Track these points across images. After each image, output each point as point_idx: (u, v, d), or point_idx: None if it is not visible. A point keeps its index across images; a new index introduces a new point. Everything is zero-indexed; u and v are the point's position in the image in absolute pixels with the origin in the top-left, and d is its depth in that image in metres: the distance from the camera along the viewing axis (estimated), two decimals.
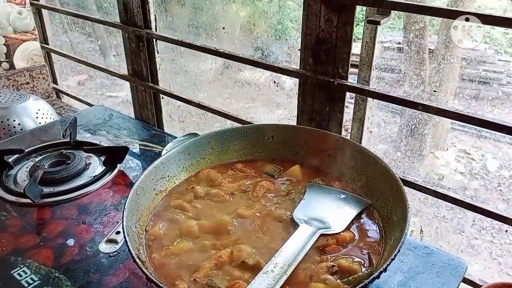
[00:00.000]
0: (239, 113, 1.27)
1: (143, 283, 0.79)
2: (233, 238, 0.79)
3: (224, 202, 0.88)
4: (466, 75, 2.00)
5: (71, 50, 2.48)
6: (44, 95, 1.86)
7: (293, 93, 1.19)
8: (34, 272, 0.81)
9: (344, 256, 0.74)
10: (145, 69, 1.41)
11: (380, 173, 0.84)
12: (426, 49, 1.90)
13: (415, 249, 0.86)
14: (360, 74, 1.01)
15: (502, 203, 1.98)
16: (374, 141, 1.20)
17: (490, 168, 2.14)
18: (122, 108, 2.36)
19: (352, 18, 0.92)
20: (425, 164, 2.08)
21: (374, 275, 0.62)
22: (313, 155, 0.97)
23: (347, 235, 0.78)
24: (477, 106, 1.99)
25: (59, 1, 2.19)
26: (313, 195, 0.88)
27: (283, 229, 0.80)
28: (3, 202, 1.02)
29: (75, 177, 1.09)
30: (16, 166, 1.15)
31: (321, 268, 0.70)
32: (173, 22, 1.46)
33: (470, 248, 1.94)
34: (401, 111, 2.00)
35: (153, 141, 1.29)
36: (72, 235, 0.91)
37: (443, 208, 1.93)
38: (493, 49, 2.06)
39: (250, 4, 1.59)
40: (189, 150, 0.95)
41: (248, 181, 0.94)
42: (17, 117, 1.39)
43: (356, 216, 0.83)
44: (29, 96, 1.47)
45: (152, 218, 0.84)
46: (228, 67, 1.60)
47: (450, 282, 0.78)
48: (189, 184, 0.93)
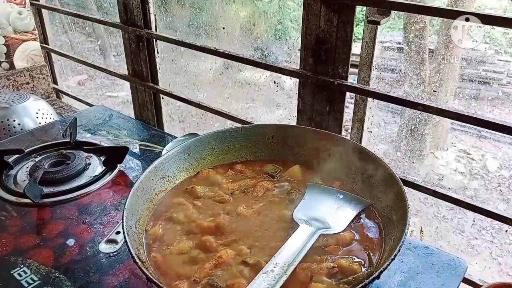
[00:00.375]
0: (239, 113, 1.27)
1: (143, 283, 0.79)
2: (233, 238, 0.79)
3: (224, 202, 0.88)
4: (466, 75, 2.00)
5: (71, 50, 2.48)
6: (44, 95, 1.86)
7: (293, 93, 1.19)
8: (34, 272, 0.81)
9: (344, 256, 0.74)
10: (145, 69, 1.41)
11: (380, 173, 0.84)
12: (426, 49, 1.90)
13: (415, 249, 0.86)
14: (360, 74, 1.01)
15: (502, 203, 1.98)
16: (374, 141, 1.20)
17: (490, 168, 2.14)
18: (122, 108, 2.36)
19: (352, 18, 0.92)
20: (425, 164, 2.08)
21: (374, 275, 0.62)
22: (313, 155, 0.97)
23: (347, 235, 0.78)
24: (477, 106, 1.99)
25: (59, 1, 2.19)
26: (313, 195, 0.88)
27: (283, 229, 0.80)
28: (3, 202, 1.02)
29: (75, 177, 1.09)
30: (16, 166, 1.15)
31: (321, 269, 0.70)
32: (173, 22, 1.46)
33: (470, 248, 1.94)
34: (401, 111, 1.99)
35: (153, 141, 1.29)
36: (72, 235, 0.91)
37: (443, 208, 1.93)
38: (493, 49, 2.06)
39: (250, 4, 1.59)
40: (189, 150, 0.96)
41: (248, 181, 0.94)
42: (17, 117, 1.39)
43: (356, 216, 0.83)
44: (29, 96, 1.47)
45: (152, 218, 0.84)
46: (228, 67, 1.59)
47: (450, 282, 0.78)
48: (189, 184, 0.93)
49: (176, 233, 0.81)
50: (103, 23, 1.55)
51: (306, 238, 0.75)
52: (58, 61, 1.97)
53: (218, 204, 0.88)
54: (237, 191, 0.91)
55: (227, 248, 0.76)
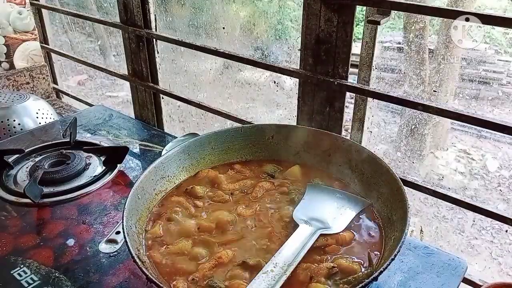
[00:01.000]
0: (239, 113, 1.27)
1: (143, 283, 0.79)
2: (233, 238, 0.79)
3: (224, 202, 0.89)
4: (466, 75, 1.99)
5: (71, 50, 2.48)
6: (44, 95, 1.86)
7: (293, 93, 1.19)
8: (34, 272, 0.81)
9: (344, 256, 0.74)
10: (145, 69, 1.41)
11: (380, 173, 0.84)
12: (426, 49, 1.90)
13: (415, 249, 0.86)
14: (360, 74, 1.01)
15: (502, 203, 1.97)
16: (374, 141, 1.20)
17: (490, 168, 2.13)
18: (122, 108, 2.36)
19: (352, 18, 0.92)
20: (425, 164, 2.08)
21: (374, 275, 0.62)
22: (313, 155, 0.97)
23: (347, 235, 0.78)
24: (477, 106, 1.99)
25: (59, 1, 2.19)
26: (313, 195, 0.88)
27: (283, 229, 0.80)
28: (3, 202, 1.02)
29: (75, 177, 1.09)
30: (16, 166, 1.15)
31: (321, 269, 0.70)
32: (173, 22, 1.46)
33: (470, 248, 1.94)
34: (401, 111, 1.99)
35: (153, 141, 1.29)
36: (72, 235, 0.91)
37: (443, 208, 1.93)
38: (493, 49, 2.06)
39: (250, 4, 1.58)
40: (189, 150, 0.96)
41: (248, 181, 0.94)
42: (17, 117, 1.39)
43: (356, 216, 0.83)
44: (29, 96, 1.47)
45: (152, 218, 0.84)
46: (228, 67, 1.59)
47: (450, 282, 0.78)
48: (189, 184, 0.93)
49: (176, 233, 0.81)
50: (103, 23, 1.55)
51: (306, 238, 0.75)
52: (58, 61, 1.97)
53: (218, 204, 0.88)
54: (237, 191, 0.91)
55: (227, 248, 0.76)
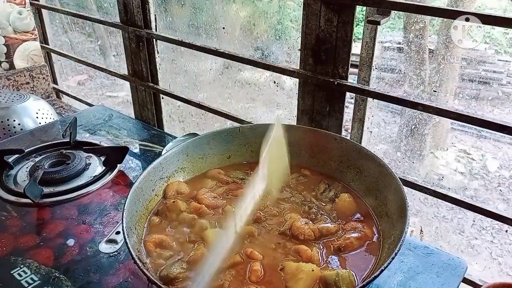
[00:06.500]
0: (239, 113, 1.27)
1: (143, 283, 0.79)
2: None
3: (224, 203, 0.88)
4: (466, 75, 2.00)
5: (71, 50, 2.48)
6: (44, 95, 1.86)
7: (293, 93, 1.19)
8: (34, 272, 0.81)
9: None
10: (145, 69, 1.41)
11: (380, 173, 0.84)
12: (426, 49, 1.90)
13: (415, 249, 0.86)
14: (360, 74, 1.01)
15: (502, 203, 1.97)
16: (374, 141, 1.20)
17: (490, 168, 2.13)
18: (122, 108, 2.36)
19: (352, 18, 0.92)
20: (425, 164, 2.08)
21: (374, 274, 0.62)
22: (313, 155, 0.97)
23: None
24: (477, 106, 1.99)
25: (59, 1, 2.19)
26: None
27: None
28: (3, 202, 1.02)
29: (75, 177, 1.09)
30: (16, 166, 1.15)
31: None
32: (173, 22, 1.46)
33: (470, 248, 1.94)
34: (401, 111, 1.99)
35: (153, 141, 1.29)
36: (72, 235, 0.91)
37: (443, 208, 1.93)
38: (493, 49, 2.06)
39: (250, 4, 1.58)
40: (188, 150, 0.95)
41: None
42: (17, 117, 1.39)
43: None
44: (29, 96, 1.47)
45: (152, 218, 0.84)
46: (228, 67, 1.59)
47: (450, 282, 0.78)
48: (189, 184, 0.93)
49: (176, 232, 0.81)
50: (103, 23, 1.54)
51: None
52: (58, 61, 1.97)
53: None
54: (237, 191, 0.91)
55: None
